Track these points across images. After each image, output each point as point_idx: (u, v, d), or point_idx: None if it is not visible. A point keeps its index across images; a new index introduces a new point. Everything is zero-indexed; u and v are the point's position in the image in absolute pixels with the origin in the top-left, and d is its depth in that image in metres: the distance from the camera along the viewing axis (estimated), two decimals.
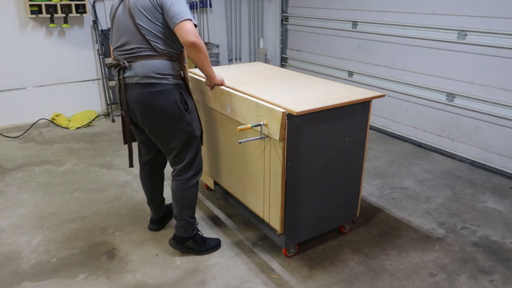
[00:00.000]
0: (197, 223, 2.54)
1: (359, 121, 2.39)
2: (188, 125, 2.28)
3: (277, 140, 2.10)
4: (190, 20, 2.09)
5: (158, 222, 2.75)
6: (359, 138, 2.43)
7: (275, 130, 2.09)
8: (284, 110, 2.04)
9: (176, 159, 2.37)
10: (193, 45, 2.07)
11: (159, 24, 2.13)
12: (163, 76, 2.16)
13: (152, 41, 2.14)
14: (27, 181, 3.44)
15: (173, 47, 2.22)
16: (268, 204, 2.35)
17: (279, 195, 2.22)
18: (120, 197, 3.18)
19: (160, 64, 2.16)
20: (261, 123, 2.16)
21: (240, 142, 2.19)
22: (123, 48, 2.19)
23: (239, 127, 2.12)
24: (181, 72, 2.28)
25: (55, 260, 2.47)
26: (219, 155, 2.71)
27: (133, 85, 2.17)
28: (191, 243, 2.48)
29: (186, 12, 2.09)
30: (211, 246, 2.53)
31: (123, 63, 2.17)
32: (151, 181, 2.62)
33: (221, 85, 2.47)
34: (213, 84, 2.45)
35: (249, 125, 2.15)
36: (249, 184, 2.48)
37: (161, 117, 2.22)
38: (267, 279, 2.32)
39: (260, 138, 2.20)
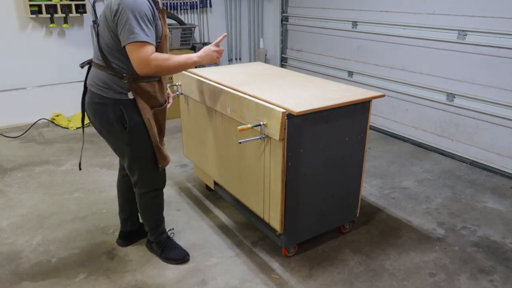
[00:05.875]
0: (165, 232, 2.50)
1: (359, 121, 2.39)
2: (128, 144, 2.12)
3: (277, 140, 2.10)
4: (141, 42, 1.85)
5: (125, 236, 2.58)
6: (359, 138, 2.43)
7: (275, 130, 2.09)
8: (284, 110, 2.04)
9: (128, 170, 2.27)
10: (148, 72, 1.89)
11: (112, 34, 1.96)
12: (102, 89, 2.04)
13: (104, 50, 2.01)
14: (27, 181, 3.44)
15: (124, 62, 2.00)
16: (268, 204, 2.35)
17: (279, 195, 2.22)
18: None
19: (104, 77, 2.03)
20: (261, 123, 2.15)
21: (240, 142, 2.19)
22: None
23: (239, 127, 2.12)
24: (129, 90, 2.04)
25: (55, 260, 2.47)
26: (219, 155, 2.71)
27: (88, 89, 2.13)
28: (155, 246, 2.47)
29: (136, 31, 1.84)
30: (172, 257, 2.43)
31: (90, 64, 2.14)
32: (122, 189, 2.50)
33: (216, 52, 2.22)
34: (211, 61, 2.19)
35: (249, 125, 2.15)
36: (249, 184, 2.47)
37: (102, 129, 2.14)
38: (267, 279, 2.32)
39: (260, 138, 2.20)
